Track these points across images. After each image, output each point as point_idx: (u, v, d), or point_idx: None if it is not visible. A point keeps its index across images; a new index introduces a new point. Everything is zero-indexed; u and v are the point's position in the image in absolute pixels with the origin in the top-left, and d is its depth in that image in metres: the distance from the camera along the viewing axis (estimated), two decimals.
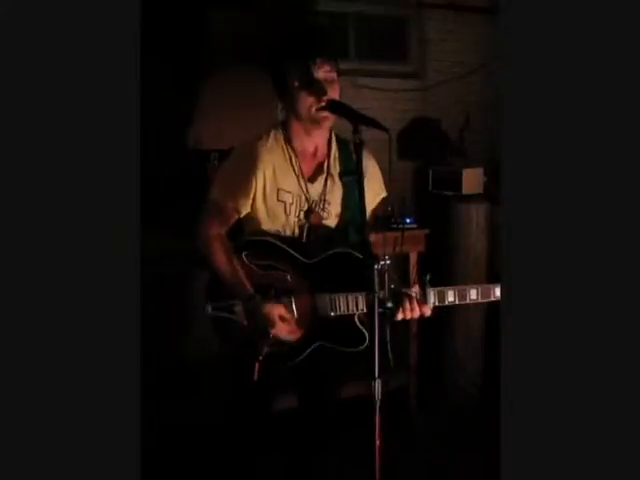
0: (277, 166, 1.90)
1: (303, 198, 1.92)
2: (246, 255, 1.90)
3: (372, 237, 1.80)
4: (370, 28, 3.97)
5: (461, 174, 3.57)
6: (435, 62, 4.07)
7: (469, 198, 3.52)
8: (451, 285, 1.90)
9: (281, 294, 1.87)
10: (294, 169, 1.91)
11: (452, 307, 3.33)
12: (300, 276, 1.90)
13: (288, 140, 1.92)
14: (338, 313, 1.87)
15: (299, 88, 1.81)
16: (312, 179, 1.94)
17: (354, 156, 1.83)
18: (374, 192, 2.01)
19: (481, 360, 3.48)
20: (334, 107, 1.77)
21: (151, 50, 2.06)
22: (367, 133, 1.62)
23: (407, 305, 1.82)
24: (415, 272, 3.14)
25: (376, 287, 1.53)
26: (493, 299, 1.88)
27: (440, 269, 3.40)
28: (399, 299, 1.82)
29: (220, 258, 1.90)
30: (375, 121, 1.62)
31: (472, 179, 3.61)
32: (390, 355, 1.66)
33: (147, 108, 1.65)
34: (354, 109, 1.68)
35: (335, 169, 1.96)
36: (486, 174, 3.72)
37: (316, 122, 1.85)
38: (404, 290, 1.84)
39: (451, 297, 1.88)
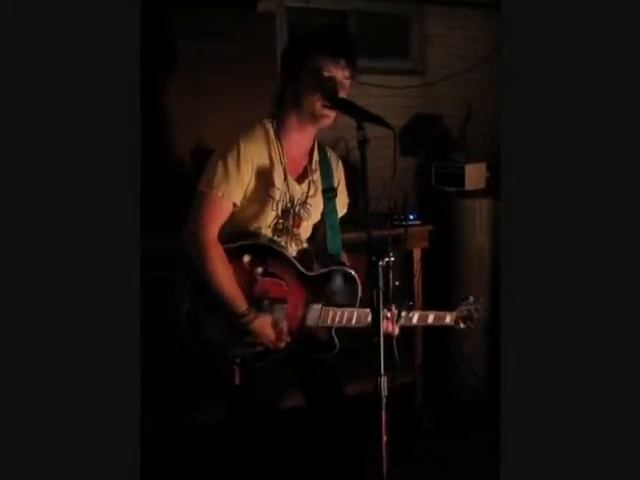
0: (268, 159, 1.83)
1: (287, 197, 1.87)
2: (249, 260, 1.82)
3: (375, 233, 1.72)
4: (371, 25, 3.97)
5: (463, 170, 3.57)
6: (436, 58, 4.07)
7: (472, 194, 3.52)
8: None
9: (275, 304, 1.84)
10: (282, 165, 1.85)
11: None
12: (296, 286, 1.88)
13: (278, 135, 1.85)
14: (327, 325, 1.90)
15: (314, 81, 1.76)
16: (298, 180, 1.90)
17: (333, 168, 1.97)
18: (343, 202, 2.05)
19: (487, 358, 3.48)
20: (339, 103, 1.74)
21: (151, 48, 2.05)
22: (369, 130, 1.61)
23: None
24: (419, 269, 3.14)
25: (380, 284, 1.52)
26: (445, 324, 2.07)
27: (444, 265, 3.40)
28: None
29: (218, 268, 1.76)
30: (380, 118, 1.61)
31: (475, 175, 3.60)
32: (396, 352, 1.67)
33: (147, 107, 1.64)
34: (359, 106, 1.66)
35: (317, 174, 1.94)
36: (489, 169, 3.72)
37: (316, 118, 1.81)
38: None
39: (415, 320, 1.98)
